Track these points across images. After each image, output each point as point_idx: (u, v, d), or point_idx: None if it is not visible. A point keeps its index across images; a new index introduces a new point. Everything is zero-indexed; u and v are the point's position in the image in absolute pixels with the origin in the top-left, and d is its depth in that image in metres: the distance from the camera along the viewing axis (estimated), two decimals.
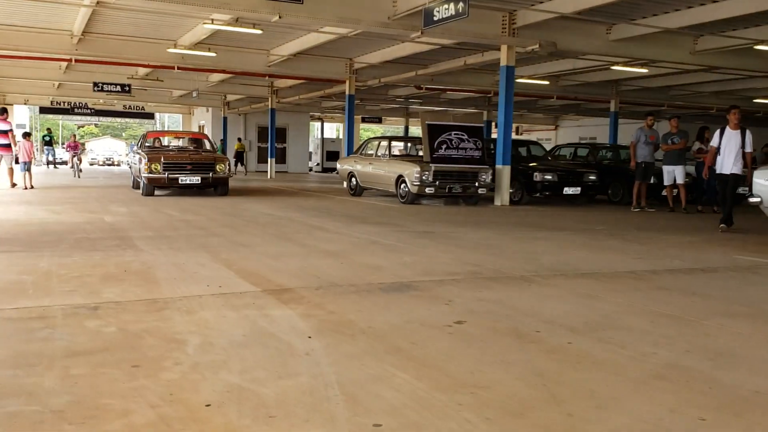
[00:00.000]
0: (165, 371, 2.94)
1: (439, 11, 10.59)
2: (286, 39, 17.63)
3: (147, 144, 15.92)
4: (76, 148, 25.51)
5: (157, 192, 14.28)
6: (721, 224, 9.40)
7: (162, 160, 13.53)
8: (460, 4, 9.99)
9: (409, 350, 3.31)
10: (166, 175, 13.42)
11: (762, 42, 14.56)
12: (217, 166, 13.91)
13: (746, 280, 5.59)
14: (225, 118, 34.77)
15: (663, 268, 6.06)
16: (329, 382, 2.84)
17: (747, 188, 14.94)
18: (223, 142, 33.50)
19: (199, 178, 13.65)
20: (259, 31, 14.90)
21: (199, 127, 41.17)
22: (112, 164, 49.38)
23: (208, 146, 16.48)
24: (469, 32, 13.40)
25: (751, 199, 7.33)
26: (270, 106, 28.54)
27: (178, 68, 19.67)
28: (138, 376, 2.88)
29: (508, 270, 5.73)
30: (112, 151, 55.12)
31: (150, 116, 43.44)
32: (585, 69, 19.88)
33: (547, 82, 22.22)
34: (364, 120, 40.30)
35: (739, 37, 14.55)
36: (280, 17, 11.76)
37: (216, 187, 14.31)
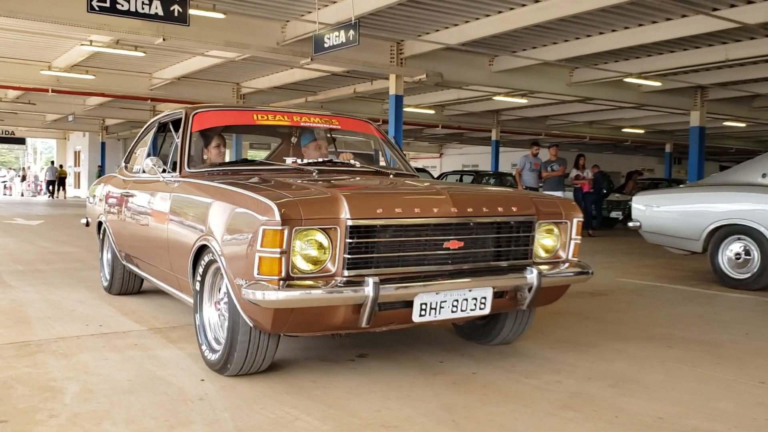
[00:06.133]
0: (39, 426, 2.63)
1: (329, 38, 10.56)
2: (170, 62, 17.04)
3: (215, 162, 4.30)
4: None
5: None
6: None
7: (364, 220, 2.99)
8: (351, 32, 9.99)
9: (310, 389, 3.13)
10: (366, 293, 2.87)
11: (630, 75, 15.53)
12: (541, 242, 3.56)
13: (633, 302, 5.80)
14: (103, 144, 33.19)
15: None
16: (227, 430, 2.63)
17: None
18: (101, 169, 31.97)
19: (488, 297, 3.23)
20: (141, 54, 14.31)
21: (75, 153, 39.06)
22: None
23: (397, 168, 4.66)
24: (359, 60, 13.46)
25: (630, 224, 7.67)
26: None
27: (53, 91, 18.54)
28: None
29: None
30: None
31: (21, 141, 40.83)
32: (469, 99, 20.48)
33: (432, 112, 22.74)
34: (252, 147, 39.68)
35: (610, 70, 15.45)
36: (164, 40, 11.33)
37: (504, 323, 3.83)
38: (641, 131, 27.39)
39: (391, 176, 4.31)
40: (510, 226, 3.38)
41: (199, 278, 3.49)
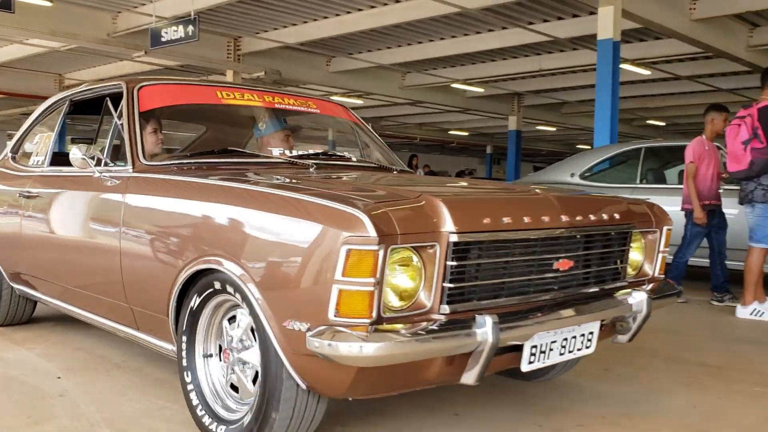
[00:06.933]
0: None
1: (167, 32, 10.32)
2: None
3: (152, 151, 3.26)
4: None
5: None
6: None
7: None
8: (190, 27, 9.86)
9: (173, 381, 3.22)
10: (482, 338, 2.05)
11: (456, 81, 16.61)
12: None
13: None
14: None
15: None
16: (95, 422, 2.69)
17: None
18: None
19: (594, 332, 2.51)
20: None
21: None
22: None
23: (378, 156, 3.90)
24: (195, 55, 13.24)
25: None
26: None
27: None
28: None
29: None
30: None
31: None
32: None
33: None
34: (74, 141, 37.27)
35: (438, 75, 16.41)
36: None
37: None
38: (465, 134, 29.21)
39: (395, 172, 3.57)
40: (609, 238, 2.59)
41: (189, 317, 2.52)
